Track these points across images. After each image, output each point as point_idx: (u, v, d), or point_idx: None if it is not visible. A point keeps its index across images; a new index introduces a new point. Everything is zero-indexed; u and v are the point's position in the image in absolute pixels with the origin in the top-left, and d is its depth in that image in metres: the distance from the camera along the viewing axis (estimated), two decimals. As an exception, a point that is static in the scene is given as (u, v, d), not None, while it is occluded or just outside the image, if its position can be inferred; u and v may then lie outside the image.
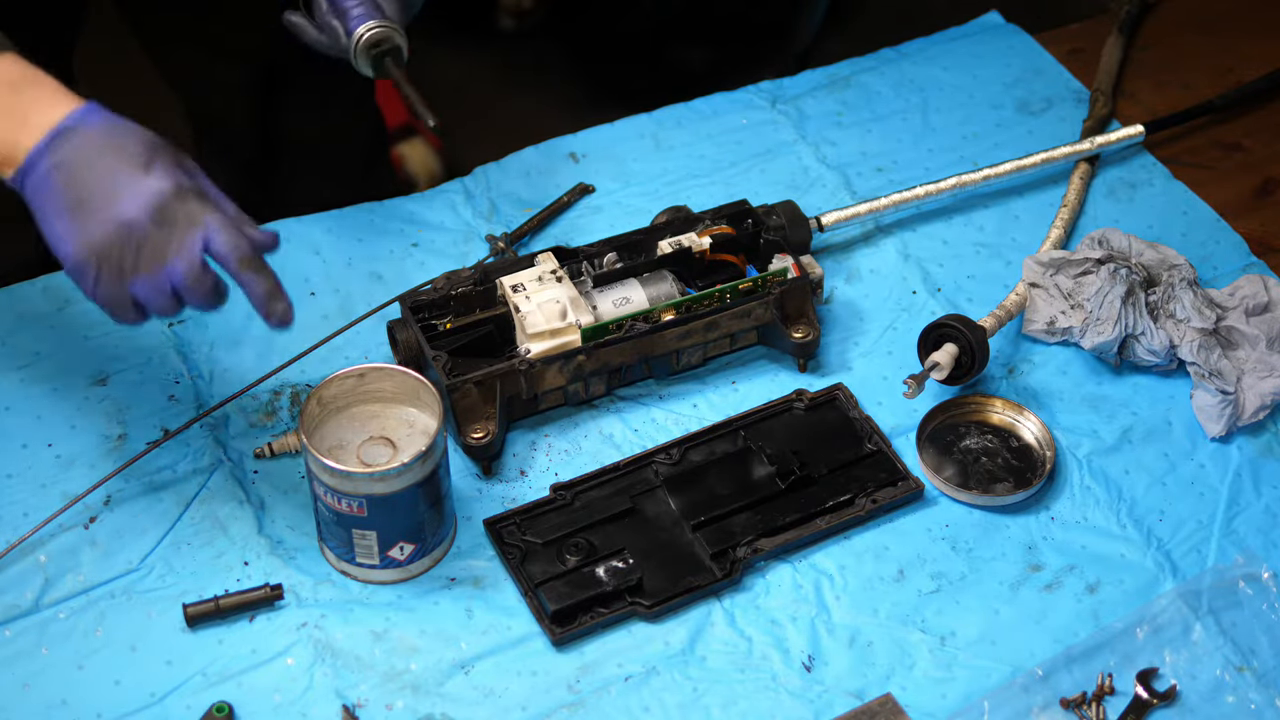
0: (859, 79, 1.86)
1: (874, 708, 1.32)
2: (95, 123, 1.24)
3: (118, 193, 1.22)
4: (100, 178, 1.23)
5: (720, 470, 1.45)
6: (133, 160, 1.23)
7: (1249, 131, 1.83)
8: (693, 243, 1.55)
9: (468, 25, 3.07)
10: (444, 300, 1.50)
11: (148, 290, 1.25)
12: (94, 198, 1.22)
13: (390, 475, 1.30)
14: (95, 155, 1.23)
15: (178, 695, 1.30)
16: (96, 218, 1.22)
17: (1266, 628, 1.37)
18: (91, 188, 1.23)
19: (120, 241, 1.23)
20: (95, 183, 1.22)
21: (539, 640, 1.35)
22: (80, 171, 1.23)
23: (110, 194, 1.22)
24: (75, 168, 1.23)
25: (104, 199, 1.22)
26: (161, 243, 1.23)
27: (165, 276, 1.24)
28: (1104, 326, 1.54)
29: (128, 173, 1.23)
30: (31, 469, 1.43)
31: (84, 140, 1.23)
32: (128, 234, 1.23)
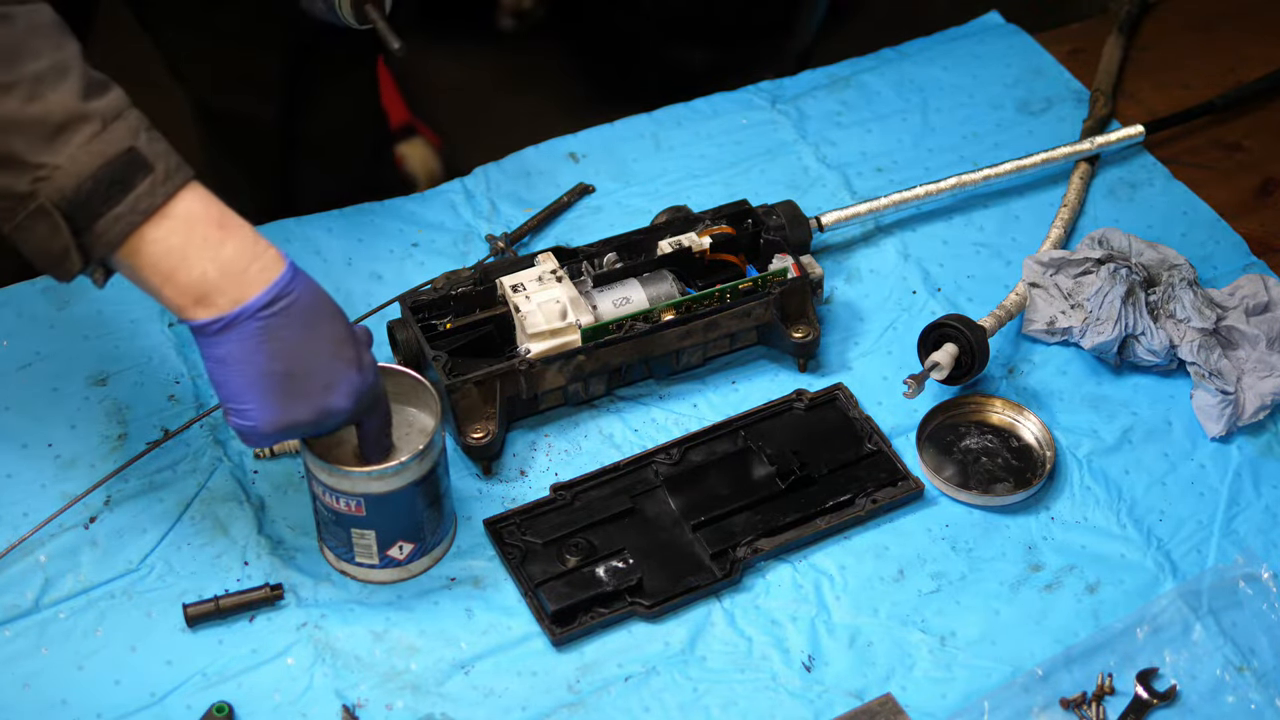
0: (859, 79, 1.86)
1: (874, 708, 1.32)
2: (305, 290, 1.21)
3: (335, 381, 1.23)
4: (318, 358, 1.21)
5: (720, 470, 1.45)
6: (346, 345, 1.23)
7: (1249, 131, 1.83)
8: (693, 243, 1.55)
9: (468, 25, 3.08)
10: (444, 300, 1.50)
11: None
12: (309, 378, 1.21)
13: (388, 474, 1.30)
14: (312, 331, 1.21)
15: (178, 695, 1.30)
16: (305, 399, 1.22)
17: (1266, 628, 1.37)
18: (308, 367, 1.21)
19: (317, 423, 1.24)
20: (312, 362, 1.21)
21: (539, 640, 1.35)
22: (296, 346, 1.20)
23: (327, 380, 1.22)
24: (291, 340, 1.20)
25: (319, 384, 1.22)
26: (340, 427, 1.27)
27: None
28: (1104, 326, 1.54)
29: (345, 359, 1.23)
30: (31, 469, 1.43)
31: (300, 310, 1.20)
32: (328, 420, 1.24)
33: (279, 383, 1.20)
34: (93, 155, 1.15)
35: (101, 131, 1.16)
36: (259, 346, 1.19)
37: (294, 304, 1.20)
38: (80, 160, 1.15)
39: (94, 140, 1.15)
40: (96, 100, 1.16)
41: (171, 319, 1.55)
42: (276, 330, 1.19)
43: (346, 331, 1.24)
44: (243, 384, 1.20)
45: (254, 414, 1.21)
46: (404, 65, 2.43)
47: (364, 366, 1.24)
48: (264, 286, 1.18)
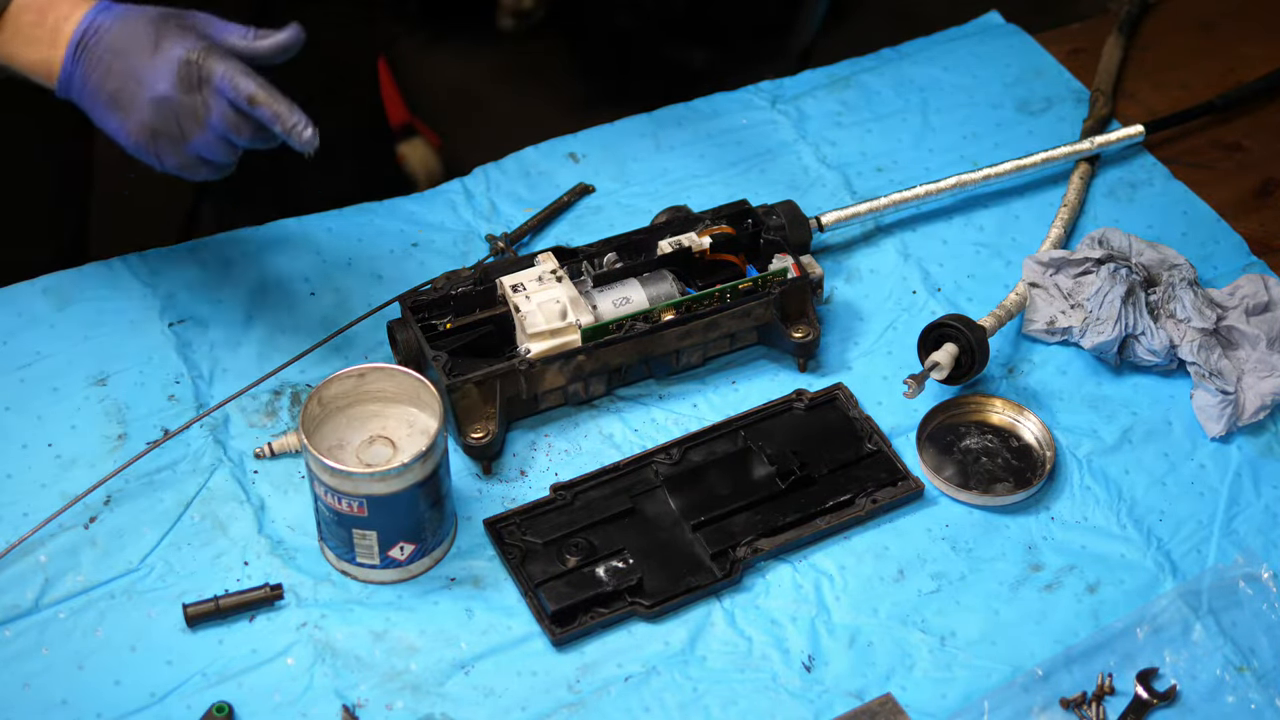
0: (859, 79, 1.86)
1: (874, 708, 1.32)
2: (105, 21, 1.36)
3: (141, 77, 1.35)
4: (125, 70, 1.35)
5: (720, 470, 1.45)
6: (145, 43, 1.35)
7: (1249, 131, 1.83)
8: (693, 243, 1.55)
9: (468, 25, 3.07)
10: (444, 300, 1.50)
11: (206, 148, 1.37)
12: (125, 88, 1.35)
13: (390, 475, 1.30)
14: (113, 51, 1.35)
15: (178, 695, 1.30)
16: (135, 104, 1.35)
17: (1266, 628, 1.37)
18: (120, 80, 1.35)
19: (161, 115, 1.35)
20: (122, 75, 1.35)
21: (539, 640, 1.35)
22: (106, 68, 1.35)
23: (137, 80, 1.35)
24: (101, 68, 1.35)
25: (134, 86, 1.35)
26: (194, 104, 1.35)
27: (211, 130, 1.36)
28: (1104, 326, 1.54)
29: (144, 56, 1.35)
30: (31, 469, 1.43)
31: (100, 39, 1.36)
32: (165, 109, 1.35)
33: (112, 101, 1.36)
34: None
35: None
36: (87, 84, 1.37)
37: (96, 38, 1.36)
38: None
39: None
40: None
41: (171, 319, 1.55)
42: (91, 67, 1.36)
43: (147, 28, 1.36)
44: (101, 119, 1.37)
45: (119, 139, 1.37)
46: (404, 65, 2.42)
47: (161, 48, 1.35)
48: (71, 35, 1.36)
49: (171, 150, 1.36)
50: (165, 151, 1.36)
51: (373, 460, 1.33)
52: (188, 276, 1.58)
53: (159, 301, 1.56)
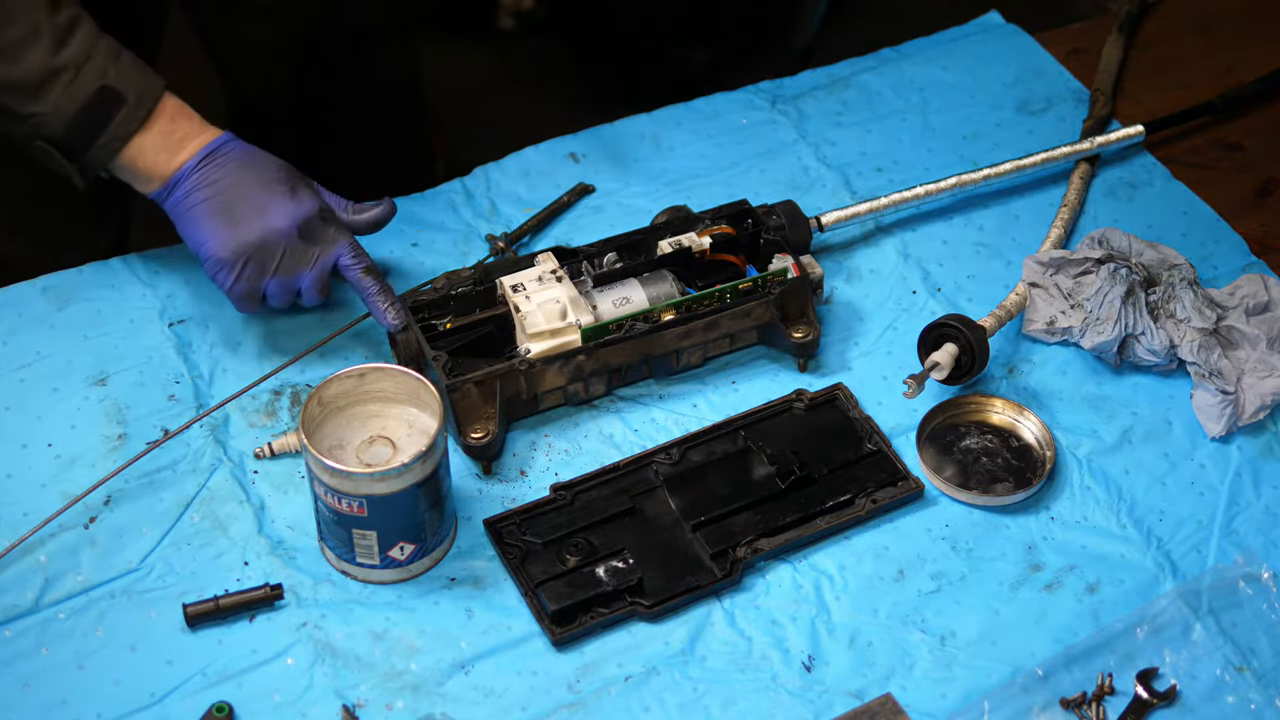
0: (859, 79, 1.86)
1: (874, 708, 1.32)
2: (238, 149, 1.44)
3: (267, 207, 1.43)
4: (249, 193, 1.43)
5: (720, 470, 1.45)
6: (278, 182, 1.44)
7: (1249, 131, 1.83)
8: (693, 243, 1.55)
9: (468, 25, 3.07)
10: (444, 300, 1.50)
11: (277, 289, 1.45)
12: (244, 209, 1.42)
13: (390, 475, 1.30)
14: (244, 175, 1.43)
15: (178, 695, 1.30)
16: (247, 225, 1.42)
17: (1266, 628, 1.37)
18: (241, 200, 1.43)
19: (268, 245, 1.43)
20: (244, 196, 1.43)
21: (539, 640, 1.35)
22: (229, 186, 1.43)
23: (260, 207, 1.42)
24: (223, 183, 1.43)
25: (254, 210, 1.42)
26: (302, 253, 1.44)
27: (297, 280, 1.46)
28: (1104, 326, 1.54)
29: (276, 192, 1.43)
30: (31, 469, 1.43)
31: (230, 161, 1.43)
32: (275, 241, 1.43)
33: (221, 215, 1.42)
34: (71, 100, 1.39)
35: (75, 77, 1.39)
36: (199, 192, 1.42)
37: (224, 159, 1.43)
38: (61, 107, 1.39)
39: (70, 87, 1.39)
40: (65, 50, 1.38)
41: (171, 319, 1.55)
42: (210, 178, 1.42)
43: (281, 173, 1.45)
44: (196, 224, 1.43)
45: (209, 245, 1.43)
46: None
47: (299, 196, 1.44)
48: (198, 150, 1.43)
49: (250, 277, 1.44)
50: (245, 275, 1.43)
51: (373, 460, 1.33)
52: (188, 276, 1.58)
53: (159, 301, 1.56)
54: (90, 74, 1.39)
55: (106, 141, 1.41)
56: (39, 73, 1.37)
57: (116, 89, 1.40)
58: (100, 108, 1.40)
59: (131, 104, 1.40)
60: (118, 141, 1.41)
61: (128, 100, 1.40)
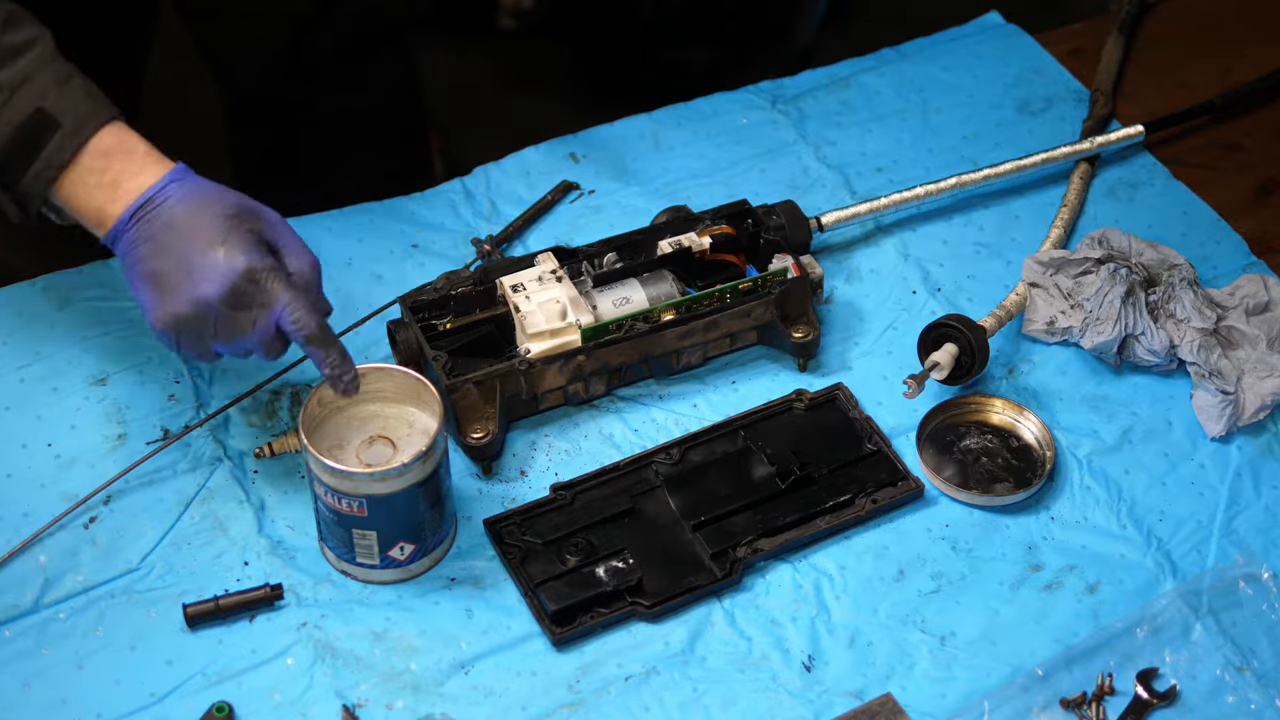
0: (859, 79, 1.86)
1: (874, 708, 1.32)
2: (176, 194, 1.30)
3: (193, 273, 1.29)
4: (179, 254, 1.29)
5: (720, 470, 1.45)
6: (209, 237, 1.29)
7: (1249, 131, 1.83)
8: (693, 243, 1.55)
9: (468, 25, 3.07)
10: (444, 300, 1.50)
11: (225, 349, 1.34)
12: (172, 274, 1.29)
13: (390, 475, 1.30)
14: (174, 230, 1.29)
15: (178, 695, 1.30)
16: (176, 295, 1.29)
17: (1266, 628, 1.37)
18: (171, 264, 1.29)
19: (198, 317, 1.30)
20: (174, 259, 1.29)
21: (539, 640, 1.35)
22: (160, 246, 1.29)
23: (187, 272, 1.29)
24: (155, 242, 1.30)
25: (182, 277, 1.29)
26: (237, 320, 1.31)
27: (241, 344, 1.33)
28: (1104, 326, 1.54)
29: (203, 251, 1.29)
30: (31, 469, 1.43)
31: (164, 213, 1.30)
32: (204, 312, 1.30)
33: (154, 280, 1.30)
34: (4, 123, 1.28)
35: (9, 99, 1.28)
36: (134, 251, 1.31)
37: (159, 209, 1.30)
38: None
39: (3, 109, 1.28)
40: (4, 70, 1.28)
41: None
42: (145, 235, 1.30)
43: (217, 223, 1.30)
44: (134, 286, 1.32)
45: (147, 314, 1.32)
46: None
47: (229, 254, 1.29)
48: (134, 198, 1.30)
49: (190, 344, 1.33)
50: (184, 344, 1.33)
51: (373, 460, 1.33)
52: (188, 276, 1.58)
53: (159, 301, 1.56)
54: (25, 96, 1.28)
55: (40, 169, 1.29)
56: None
57: (52, 114, 1.29)
58: (33, 131, 1.29)
59: (67, 130, 1.29)
60: (51, 170, 1.30)
61: (63, 126, 1.29)
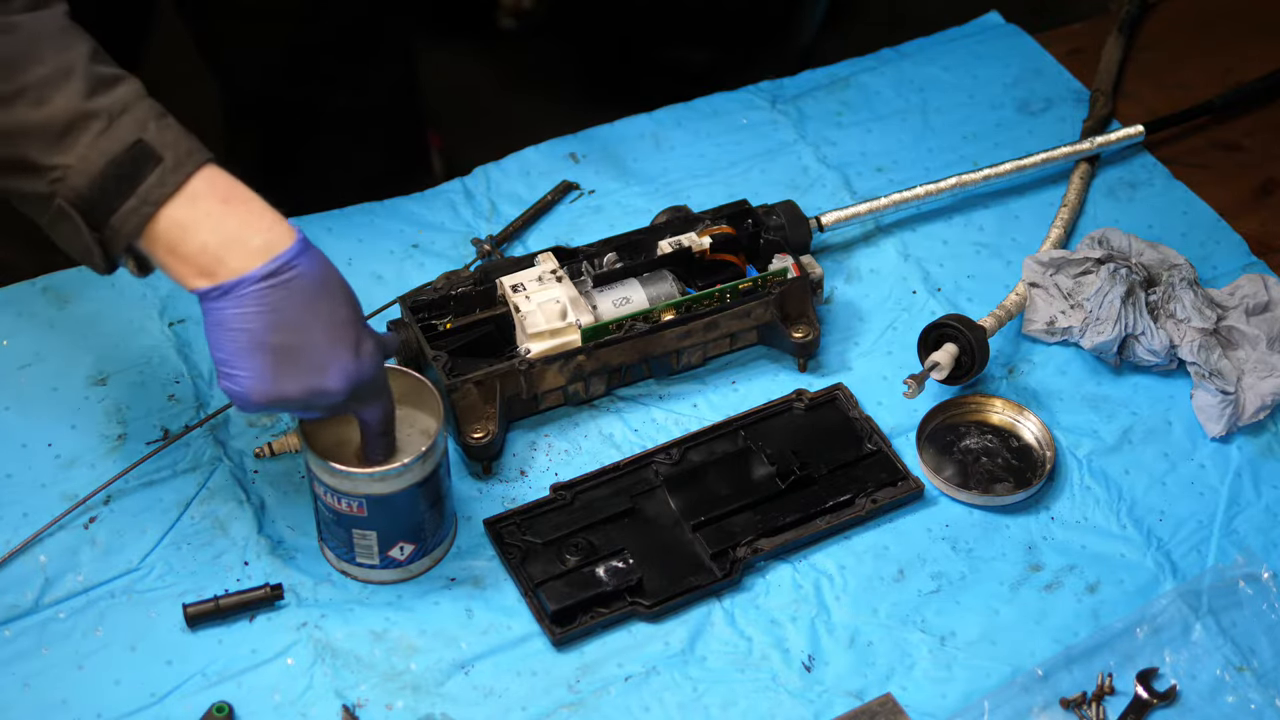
0: (859, 79, 1.86)
1: (874, 708, 1.32)
2: (311, 266, 1.21)
3: (329, 363, 1.22)
4: (312, 340, 1.21)
5: (720, 470, 1.45)
6: (349, 329, 1.23)
7: (1249, 131, 1.83)
8: (693, 243, 1.55)
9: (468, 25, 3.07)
10: (444, 300, 1.50)
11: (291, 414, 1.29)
12: (303, 355, 1.21)
13: (390, 475, 1.30)
14: (313, 308, 1.21)
15: (178, 695, 1.30)
16: (297, 376, 1.21)
17: (1266, 628, 1.37)
18: (303, 342, 1.21)
19: (306, 402, 1.24)
20: (309, 339, 1.21)
21: (539, 640, 1.35)
22: (289, 322, 1.20)
23: (322, 359, 1.22)
24: (285, 315, 1.20)
25: (313, 361, 1.22)
26: (336, 409, 1.26)
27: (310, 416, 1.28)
28: (1104, 326, 1.54)
29: (345, 343, 1.23)
30: (31, 469, 1.43)
31: (298, 285, 1.20)
32: (317, 400, 1.24)
33: (272, 354, 1.21)
34: (100, 153, 1.17)
35: (107, 128, 1.17)
36: (256, 316, 1.20)
37: (295, 278, 1.20)
38: (89, 159, 1.17)
39: (100, 138, 1.17)
40: (101, 97, 1.18)
41: (171, 319, 1.55)
42: (275, 302, 1.20)
43: (351, 315, 1.24)
44: (236, 350, 1.21)
45: (244, 381, 1.21)
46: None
47: (363, 354, 1.24)
48: (266, 259, 1.19)
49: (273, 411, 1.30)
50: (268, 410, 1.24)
51: (373, 460, 1.34)
52: (188, 276, 1.58)
53: (159, 301, 1.56)
54: (126, 125, 1.18)
55: (135, 206, 1.18)
56: (66, 117, 1.17)
57: (153, 146, 1.18)
58: (131, 164, 1.18)
59: (168, 165, 1.18)
60: (149, 207, 1.18)
61: (164, 160, 1.18)
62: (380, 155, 2.14)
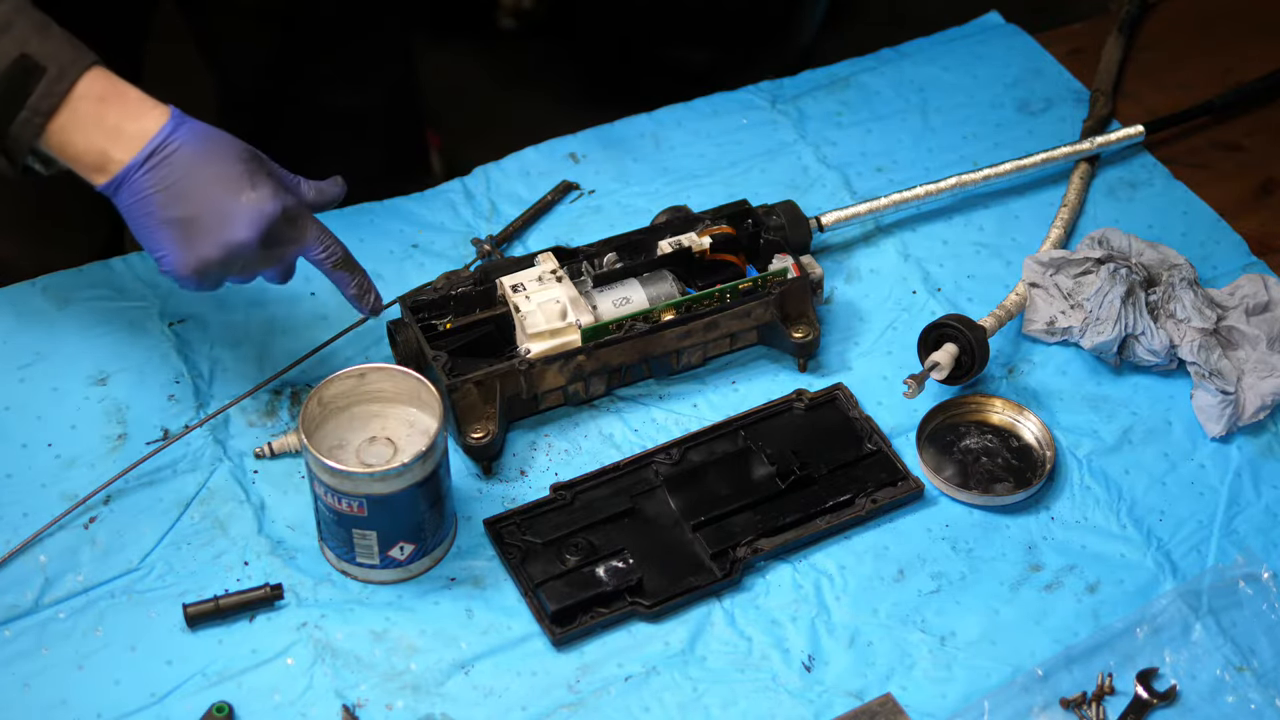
0: (859, 79, 1.86)
1: (874, 708, 1.32)
2: (185, 138, 1.29)
3: (227, 215, 1.29)
4: (206, 200, 1.29)
5: (720, 470, 1.45)
6: (237, 180, 1.30)
7: (1249, 131, 1.83)
8: (693, 243, 1.55)
9: (468, 25, 3.08)
10: (444, 300, 1.50)
11: (239, 281, 1.36)
12: (202, 218, 1.29)
13: (390, 475, 1.30)
14: (197, 173, 1.29)
15: (178, 695, 1.30)
16: (206, 238, 1.29)
17: (1266, 628, 1.37)
18: (197, 210, 1.29)
19: (229, 258, 1.30)
20: (200, 205, 1.29)
21: (539, 640, 1.35)
22: (180, 193, 1.29)
23: (220, 216, 1.29)
24: (174, 189, 1.29)
25: (213, 220, 1.29)
26: (265, 257, 1.33)
27: (264, 276, 1.37)
28: (1104, 326, 1.54)
29: (235, 194, 1.29)
30: (31, 469, 1.43)
31: (178, 159, 1.29)
32: (237, 253, 1.30)
33: (178, 226, 1.29)
34: None
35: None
36: (150, 197, 1.29)
37: (174, 153, 1.28)
38: None
39: None
40: None
41: (171, 319, 1.55)
42: (160, 180, 1.28)
43: (240, 168, 1.30)
44: (148, 233, 1.30)
45: (168, 259, 1.30)
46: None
47: (259, 195, 1.30)
48: (143, 144, 1.28)
49: (212, 284, 1.33)
50: (206, 284, 1.33)
51: (373, 460, 1.33)
52: (188, 276, 1.58)
53: (159, 301, 1.56)
54: (7, 43, 1.26)
55: (27, 117, 1.27)
56: None
57: (36, 59, 1.26)
58: (18, 78, 1.26)
59: (53, 75, 1.27)
60: (39, 117, 1.27)
61: (48, 71, 1.27)
62: (380, 154, 2.14)
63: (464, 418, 1.43)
